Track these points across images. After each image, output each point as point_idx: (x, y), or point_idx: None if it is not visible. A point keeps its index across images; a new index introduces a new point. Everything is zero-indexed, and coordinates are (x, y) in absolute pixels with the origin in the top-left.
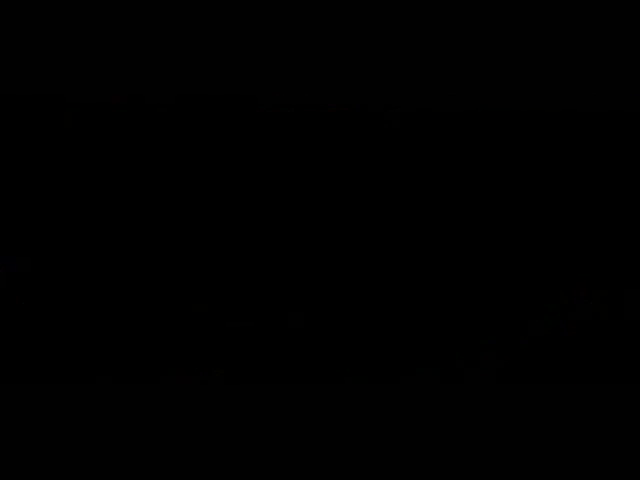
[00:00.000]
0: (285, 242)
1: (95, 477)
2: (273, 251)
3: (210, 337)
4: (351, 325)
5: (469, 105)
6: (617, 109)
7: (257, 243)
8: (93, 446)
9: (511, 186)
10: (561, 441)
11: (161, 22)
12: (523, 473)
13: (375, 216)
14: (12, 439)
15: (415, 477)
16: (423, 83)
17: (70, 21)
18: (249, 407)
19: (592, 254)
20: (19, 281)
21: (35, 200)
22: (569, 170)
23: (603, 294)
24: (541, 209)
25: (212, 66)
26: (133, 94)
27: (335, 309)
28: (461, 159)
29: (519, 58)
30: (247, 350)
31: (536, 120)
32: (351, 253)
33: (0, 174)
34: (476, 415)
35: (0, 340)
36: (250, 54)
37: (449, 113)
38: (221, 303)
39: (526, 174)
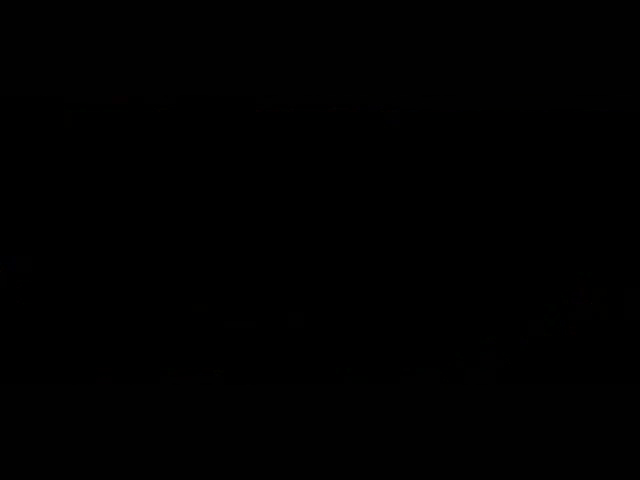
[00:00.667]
0: (285, 242)
1: (95, 477)
2: (273, 251)
3: (210, 337)
4: (351, 325)
5: (469, 105)
6: (617, 109)
7: (257, 243)
8: (93, 446)
9: (511, 186)
10: (561, 441)
11: (161, 24)
12: (523, 473)
13: (375, 216)
14: (12, 439)
15: (415, 477)
16: (423, 83)
17: (70, 22)
18: (249, 407)
19: (592, 254)
20: (19, 281)
21: (35, 200)
22: (569, 170)
23: (603, 294)
24: (541, 209)
25: (212, 67)
26: (133, 95)
27: (335, 309)
28: (461, 159)
29: (519, 58)
30: (247, 350)
31: (536, 120)
32: (351, 253)
33: (0, 174)
34: (476, 415)
35: (0, 340)
36: (250, 55)
37: (449, 113)
38: (221, 303)
39: (526, 174)
